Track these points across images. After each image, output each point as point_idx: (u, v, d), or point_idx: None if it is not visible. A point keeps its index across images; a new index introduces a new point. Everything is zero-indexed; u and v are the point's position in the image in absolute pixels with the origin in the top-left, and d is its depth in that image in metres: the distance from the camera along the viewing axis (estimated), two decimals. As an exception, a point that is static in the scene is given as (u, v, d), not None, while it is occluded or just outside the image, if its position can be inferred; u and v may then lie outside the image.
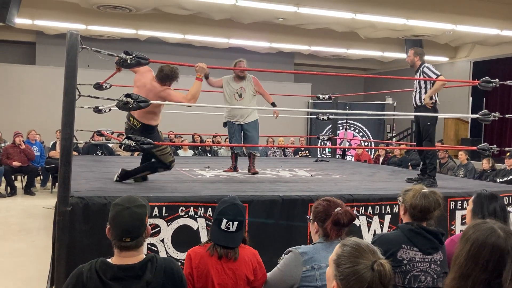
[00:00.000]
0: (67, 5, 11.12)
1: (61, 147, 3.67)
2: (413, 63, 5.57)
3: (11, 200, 9.47)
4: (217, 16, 11.04)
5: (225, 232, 2.58)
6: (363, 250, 1.68)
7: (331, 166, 7.56)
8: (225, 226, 2.58)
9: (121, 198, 2.16)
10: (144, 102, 4.07)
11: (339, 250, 1.72)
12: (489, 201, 2.80)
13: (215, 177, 5.70)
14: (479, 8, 10.73)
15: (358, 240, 1.74)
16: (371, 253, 1.67)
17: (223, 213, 2.62)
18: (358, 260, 1.65)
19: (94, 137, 9.86)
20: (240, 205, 2.68)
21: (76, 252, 3.50)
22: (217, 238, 2.58)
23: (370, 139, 14.61)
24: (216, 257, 2.55)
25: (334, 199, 2.59)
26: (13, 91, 13.51)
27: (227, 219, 2.58)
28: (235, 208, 2.63)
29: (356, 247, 1.69)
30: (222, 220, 2.59)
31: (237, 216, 2.61)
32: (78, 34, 3.75)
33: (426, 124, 5.46)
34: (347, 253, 1.68)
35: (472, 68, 14.51)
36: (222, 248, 2.56)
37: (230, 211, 2.62)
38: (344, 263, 1.66)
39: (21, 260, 5.58)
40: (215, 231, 2.61)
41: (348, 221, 2.47)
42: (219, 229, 2.59)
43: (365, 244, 1.73)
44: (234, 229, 2.58)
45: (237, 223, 2.59)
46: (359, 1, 10.22)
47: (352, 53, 15.33)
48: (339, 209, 2.48)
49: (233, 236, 2.58)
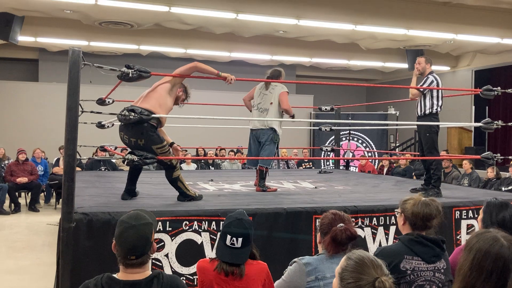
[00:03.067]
0: (69, 22, 11.21)
1: (64, 163, 3.67)
2: (423, 71, 5.51)
3: (15, 217, 9.47)
4: (218, 30, 11.11)
5: (230, 248, 2.51)
6: (366, 266, 1.69)
7: (335, 178, 7.55)
8: (230, 242, 2.52)
9: (128, 214, 2.14)
10: (147, 115, 4.08)
11: (343, 263, 1.75)
12: (498, 209, 2.78)
13: (218, 190, 5.69)
14: (480, 17, 10.76)
15: (363, 254, 1.75)
16: (374, 268, 1.69)
17: (227, 229, 2.56)
18: (360, 276, 1.67)
19: (98, 153, 9.88)
20: (246, 220, 2.59)
21: (80, 268, 3.49)
22: (222, 254, 2.53)
23: (373, 150, 14.59)
24: (223, 274, 2.49)
25: (340, 214, 2.59)
26: (16, 108, 13.59)
27: (231, 235, 2.52)
28: (240, 224, 2.56)
29: (359, 262, 1.71)
30: (226, 236, 2.53)
31: (242, 232, 2.53)
32: (80, 50, 3.78)
33: (425, 135, 5.44)
34: (351, 267, 1.70)
35: (474, 77, 14.51)
36: (228, 265, 2.49)
37: (235, 226, 2.55)
38: (346, 278, 1.69)
39: (25, 277, 5.56)
40: (221, 247, 2.56)
41: (347, 239, 2.47)
42: (224, 245, 2.54)
43: (370, 259, 1.73)
44: (239, 245, 2.52)
45: (241, 238, 2.52)
46: (359, 12, 10.27)
47: (353, 64, 15.37)
48: (340, 225, 2.48)
49: (238, 253, 2.51)
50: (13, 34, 10.37)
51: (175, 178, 4.52)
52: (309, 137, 15.78)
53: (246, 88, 14.02)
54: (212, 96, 12.87)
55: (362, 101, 17.95)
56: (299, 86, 17.41)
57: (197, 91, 11.49)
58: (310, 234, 4.13)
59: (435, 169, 5.45)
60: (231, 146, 11.93)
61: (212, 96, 12.87)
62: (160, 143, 4.39)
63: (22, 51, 14.03)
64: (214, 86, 13.28)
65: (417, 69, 5.56)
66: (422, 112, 5.45)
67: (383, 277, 1.66)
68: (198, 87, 11.85)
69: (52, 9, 9.63)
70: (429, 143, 5.44)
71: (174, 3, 9.32)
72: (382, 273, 1.68)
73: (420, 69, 5.53)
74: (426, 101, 5.40)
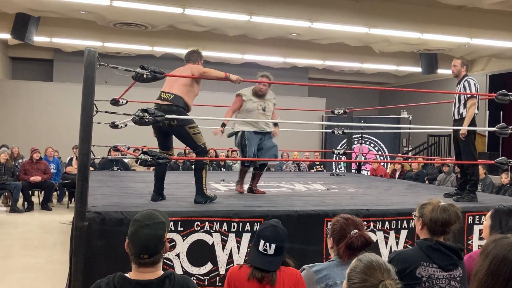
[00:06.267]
0: (84, 23, 11.32)
1: (78, 162, 3.70)
2: (458, 73, 5.42)
3: (28, 215, 9.56)
4: (231, 32, 11.14)
5: (262, 255, 2.50)
6: (373, 269, 1.72)
7: (346, 180, 7.52)
8: (263, 248, 2.50)
9: (141, 213, 2.15)
10: (160, 116, 4.11)
11: (353, 264, 1.79)
12: (508, 216, 2.75)
13: (230, 191, 5.70)
14: (494, 21, 10.67)
15: (373, 257, 1.78)
16: (381, 271, 1.71)
17: (261, 233, 2.55)
18: (366, 278, 1.70)
19: (111, 153, 9.94)
20: (281, 228, 2.57)
21: (92, 267, 3.51)
22: (254, 260, 2.51)
23: (385, 153, 14.52)
24: (256, 281, 2.47)
25: (353, 218, 2.57)
26: (30, 107, 13.74)
27: (265, 240, 2.50)
28: (273, 230, 2.54)
29: (368, 264, 1.74)
30: (259, 242, 2.52)
31: (276, 239, 2.52)
32: (96, 51, 3.81)
33: (462, 139, 5.33)
34: (359, 269, 1.74)
35: (488, 81, 14.39)
36: (259, 271, 2.47)
37: (269, 232, 2.53)
38: (353, 278, 1.73)
39: (38, 275, 5.60)
40: (253, 252, 2.54)
41: (362, 245, 2.44)
42: (257, 251, 2.52)
43: (379, 262, 1.75)
44: (272, 252, 2.49)
45: (275, 246, 2.50)
46: (373, 15, 10.24)
47: (366, 67, 15.32)
48: (354, 232, 2.45)
49: (271, 260, 2.49)
50: (29, 34, 10.49)
51: (203, 165, 4.53)
52: (320, 140, 15.74)
53: (258, 90, 14.04)
54: (223, 97, 12.90)
55: (374, 105, 17.88)
56: (311, 89, 17.38)
57: (208, 92, 11.55)
58: (321, 237, 4.12)
59: (471, 174, 5.35)
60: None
61: (223, 97, 12.90)
62: (193, 122, 4.44)
63: (38, 51, 14.20)
64: (225, 88, 13.30)
65: (452, 71, 5.48)
66: (459, 115, 5.39)
67: (388, 280, 1.68)
68: (209, 88, 11.88)
69: (68, 10, 9.73)
70: (467, 147, 5.35)
71: (188, 4, 9.37)
72: (389, 277, 1.70)
73: (456, 71, 5.44)
74: (462, 105, 5.34)
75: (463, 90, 5.30)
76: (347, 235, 2.45)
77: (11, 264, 6.07)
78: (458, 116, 5.39)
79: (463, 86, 5.31)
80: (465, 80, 5.33)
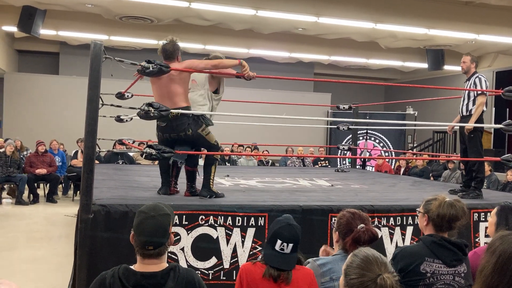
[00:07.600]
0: (90, 16, 11.33)
1: (84, 155, 3.71)
2: (468, 70, 5.39)
3: (34, 207, 9.61)
4: (237, 26, 11.11)
5: (279, 254, 2.48)
6: (370, 263, 1.72)
7: (351, 176, 7.51)
8: (280, 247, 2.48)
9: (146, 205, 2.16)
10: (165, 110, 4.10)
11: (349, 259, 1.79)
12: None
13: (234, 186, 5.71)
14: (502, 17, 10.59)
15: (368, 252, 1.78)
16: (378, 265, 1.71)
17: (278, 233, 2.51)
18: (364, 273, 1.70)
19: (116, 146, 9.97)
20: (296, 226, 2.56)
21: (97, 259, 3.53)
22: (271, 259, 2.48)
23: (390, 149, 14.49)
24: (270, 279, 2.45)
25: (359, 212, 2.56)
26: (36, 100, 13.76)
27: (282, 240, 2.48)
28: (290, 229, 2.52)
29: (364, 259, 1.74)
30: (276, 241, 2.49)
31: (293, 237, 2.50)
32: (102, 44, 3.81)
33: (470, 135, 5.31)
34: (356, 264, 1.74)
35: (495, 78, 14.31)
36: (276, 270, 2.45)
37: (286, 231, 2.50)
38: (350, 274, 1.73)
39: (43, 267, 5.64)
40: (269, 252, 2.51)
41: (369, 239, 2.44)
42: (273, 250, 2.49)
43: (375, 256, 1.76)
44: (289, 250, 2.48)
45: (292, 244, 2.48)
46: (380, 11, 10.19)
47: (372, 63, 15.26)
48: (361, 226, 2.45)
49: (287, 258, 2.48)
50: (35, 27, 10.51)
51: (213, 161, 4.53)
52: (325, 136, 15.72)
53: (263, 85, 14.05)
54: (229, 92, 12.88)
55: (380, 101, 17.82)
56: (316, 84, 17.34)
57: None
58: (325, 232, 4.12)
59: (477, 171, 5.33)
60: (247, 143, 11.93)
61: (229, 92, 12.88)
62: (202, 125, 4.42)
63: (44, 44, 14.22)
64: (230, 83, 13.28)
65: (462, 67, 5.44)
66: (467, 112, 5.36)
67: (386, 274, 1.68)
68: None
69: (74, 3, 9.74)
70: (473, 144, 5.33)
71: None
72: (386, 270, 1.70)
73: (465, 68, 5.41)
74: (471, 101, 5.32)
75: (474, 87, 5.27)
76: (354, 229, 2.45)
77: (16, 256, 6.11)
78: (467, 113, 5.36)
79: (474, 82, 5.28)
80: (476, 76, 5.30)
